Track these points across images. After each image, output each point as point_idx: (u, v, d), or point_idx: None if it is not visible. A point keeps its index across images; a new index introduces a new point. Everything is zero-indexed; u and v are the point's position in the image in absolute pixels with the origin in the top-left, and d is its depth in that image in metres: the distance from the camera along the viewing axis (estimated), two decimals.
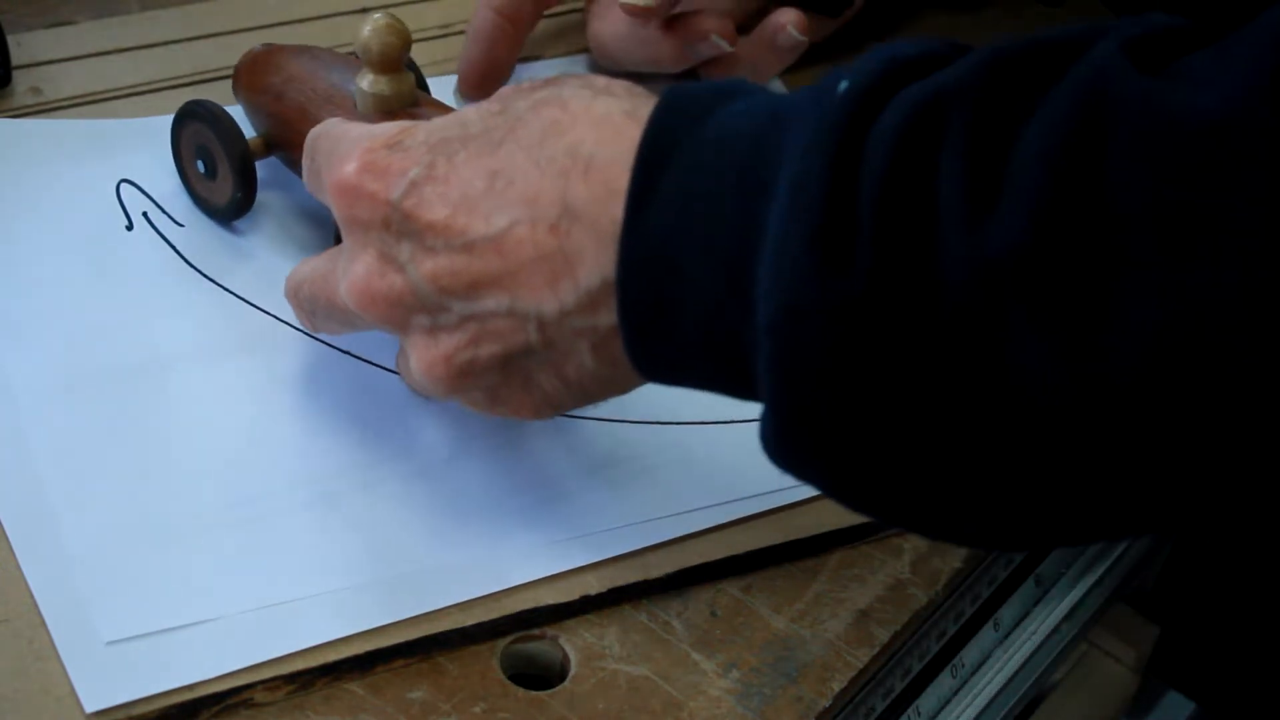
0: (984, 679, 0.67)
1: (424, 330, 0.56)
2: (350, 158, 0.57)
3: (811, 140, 0.46)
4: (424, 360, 0.57)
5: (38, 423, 0.63)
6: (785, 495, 0.65)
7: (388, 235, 0.56)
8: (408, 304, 0.56)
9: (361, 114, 0.65)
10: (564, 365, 0.55)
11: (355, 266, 0.57)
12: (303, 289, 0.62)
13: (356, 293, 0.57)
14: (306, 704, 0.58)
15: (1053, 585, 0.70)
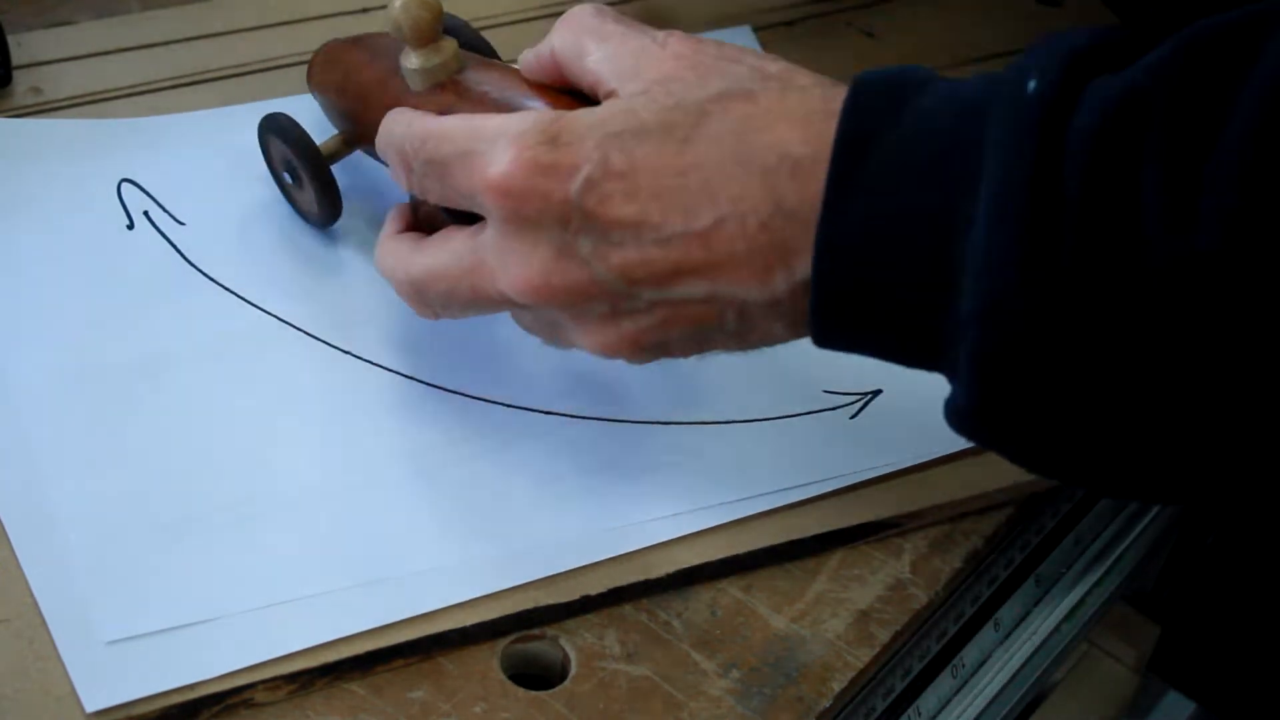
0: (984, 679, 0.67)
1: (603, 316, 0.58)
2: (502, 157, 0.57)
3: (1010, 139, 0.49)
4: (600, 339, 0.58)
5: (38, 422, 0.63)
6: (785, 495, 0.65)
7: (565, 232, 0.56)
8: (589, 295, 0.57)
9: (417, 93, 0.65)
10: (750, 335, 0.58)
11: (527, 263, 0.57)
12: (432, 286, 0.61)
13: (531, 288, 0.57)
14: (306, 704, 0.58)
15: (1053, 585, 0.70)
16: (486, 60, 0.66)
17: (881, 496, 0.66)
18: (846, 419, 0.68)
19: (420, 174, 0.60)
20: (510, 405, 0.67)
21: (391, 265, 0.63)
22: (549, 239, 0.57)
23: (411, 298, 0.63)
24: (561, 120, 0.57)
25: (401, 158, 0.61)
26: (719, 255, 0.55)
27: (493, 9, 0.83)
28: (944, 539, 0.65)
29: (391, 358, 0.67)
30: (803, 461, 0.66)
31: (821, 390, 0.69)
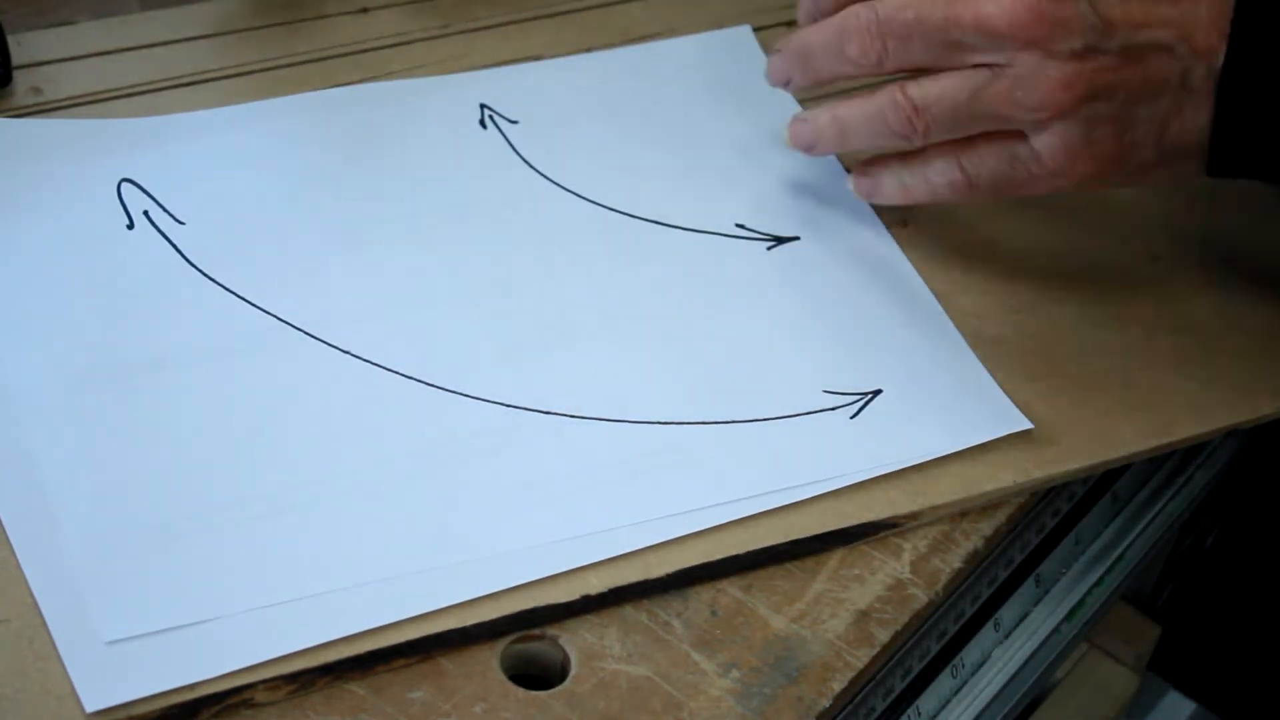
0: (984, 679, 0.67)
1: (1071, 53, 0.64)
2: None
3: None
4: (1062, 76, 0.64)
5: (38, 422, 0.63)
6: (785, 495, 0.65)
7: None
8: (1069, 28, 0.64)
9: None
10: (1171, 121, 0.65)
11: (1007, 2, 0.64)
12: (899, 16, 0.68)
13: (1022, 7, 0.64)
14: (306, 704, 0.58)
15: (1053, 585, 0.70)
16: None
17: (881, 496, 0.66)
18: (846, 419, 0.68)
19: (902, 33, 0.67)
20: (510, 405, 0.67)
21: (884, 95, 0.69)
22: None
23: (864, 31, 0.68)
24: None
25: (871, 34, 0.68)
26: (1186, 15, 0.64)
27: (490, 9, 0.83)
28: (944, 539, 0.65)
29: (391, 358, 0.67)
30: (803, 461, 0.66)
31: (821, 390, 0.69)
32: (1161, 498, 0.76)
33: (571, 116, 0.79)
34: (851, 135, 0.71)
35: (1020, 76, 0.65)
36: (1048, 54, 0.64)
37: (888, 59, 0.68)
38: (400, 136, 0.77)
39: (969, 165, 0.69)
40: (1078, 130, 0.66)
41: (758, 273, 0.74)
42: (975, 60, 0.66)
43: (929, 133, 0.68)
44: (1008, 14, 0.64)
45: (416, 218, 0.73)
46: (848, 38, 0.69)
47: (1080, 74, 0.64)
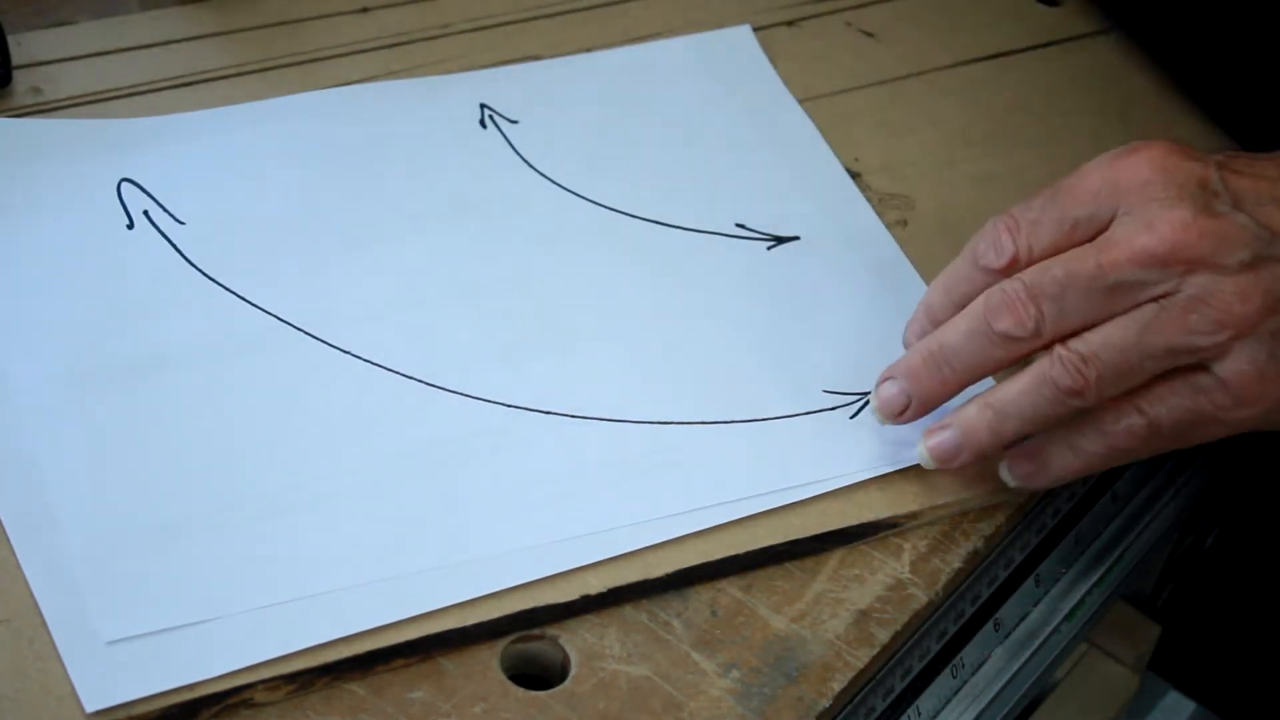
0: (984, 679, 0.67)
1: (1241, 265, 0.60)
2: (1140, 152, 0.62)
3: None
4: (1237, 290, 0.60)
5: (38, 422, 0.63)
6: (785, 495, 0.65)
7: (1202, 192, 0.61)
8: (1233, 240, 0.60)
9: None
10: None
11: (1174, 212, 0.60)
12: (1047, 275, 0.62)
13: (1184, 232, 0.60)
14: (306, 704, 0.58)
15: (1053, 585, 0.70)
16: None
17: (881, 496, 0.66)
18: (846, 419, 0.68)
19: (1034, 217, 0.63)
20: (510, 405, 0.67)
21: (992, 291, 0.63)
22: (1191, 196, 0.61)
23: (1014, 301, 0.62)
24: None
25: (1005, 227, 0.63)
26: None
27: (490, 9, 0.83)
28: (944, 539, 0.65)
29: (391, 358, 0.67)
30: (803, 461, 0.66)
31: (821, 390, 0.69)
32: (1161, 498, 0.76)
33: (571, 116, 0.79)
34: (1010, 417, 0.63)
35: (1192, 298, 0.60)
36: (1217, 270, 0.60)
37: (1045, 325, 0.61)
38: (400, 136, 0.77)
39: (1148, 407, 0.62)
40: (1264, 349, 0.60)
41: (758, 273, 0.74)
42: (1140, 299, 0.61)
43: (1102, 383, 0.61)
44: (1166, 239, 0.60)
45: (416, 218, 0.73)
46: (996, 315, 0.62)
47: (1256, 284, 0.60)
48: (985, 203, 0.78)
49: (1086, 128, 0.83)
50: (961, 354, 0.63)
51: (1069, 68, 0.86)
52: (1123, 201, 0.61)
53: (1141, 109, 0.85)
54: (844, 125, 0.80)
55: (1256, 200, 0.62)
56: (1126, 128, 0.84)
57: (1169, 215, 0.60)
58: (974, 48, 0.87)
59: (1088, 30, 0.88)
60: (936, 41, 0.86)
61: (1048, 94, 0.85)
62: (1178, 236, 0.60)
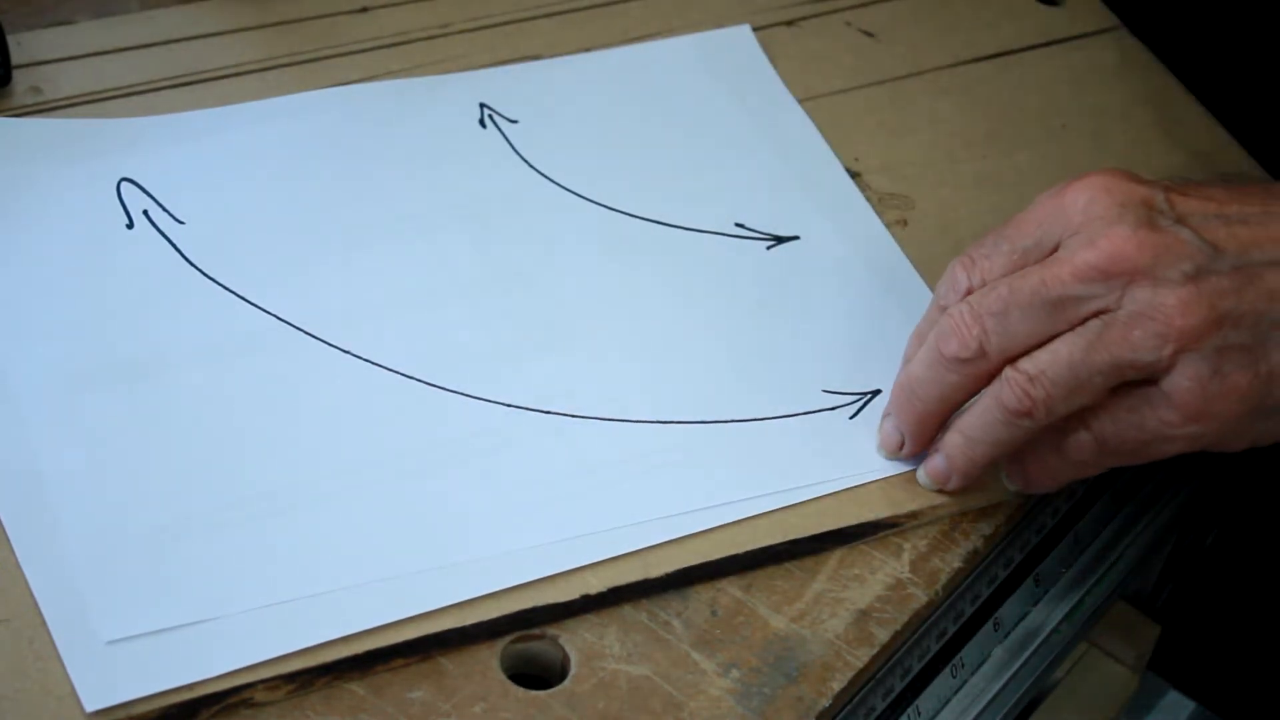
0: (984, 679, 0.67)
1: (1184, 277, 0.60)
2: (1085, 180, 0.63)
3: None
4: (1178, 303, 0.60)
5: (38, 422, 0.63)
6: (785, 495, 0.65)
7: (1146, 209, 0.61)
8: (1175, 252, 0.60)
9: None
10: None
11: (1117, 228, 0.61)
12: (989, 294, 0.62)
13: (1127, 247, 0.60)
14: (306, 704, 0.58)
15: (1053, 585, 0.70)
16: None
17: (881, 496, 0.66)
18: (846, 419, 0.68)
19: (986, 252, 0.64)
20: (510, 405, 0.67)
21: (947, 313, 0.64)
22: (1135, 213, 0.61)
23: (958, 324, 0.63)
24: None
25: (961, 266, 0.65)
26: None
27: (490, 9, 0.83)
28: (944, 539, 0.65)
29: (391, 358, 0.67)
30: (803, 461, 0.66)
31: (821, 390, 0.69)
32: (1161, 498, 0.76)
33: (571, 116, 0.79)
34: (977, 442, 0.64)
35: (1135, 314, 0.60)
36: (1158, 283, 0.60)
37: (990, 343, 0.62)
38: (400, 136, 0.77)
39: (1096, 424, 0.62)
40: (1207, 365, 0.60)
41: (758, 273, 0.74)
42: (1083, 313, 0.61)
43: (1051, 402, 0.61)
44: (1106, 252, 0.60)
45: (416, 218, 0.73)
46: (945, 340, 0.63)
47: (1199, 298, 0.60)
48: (985, 203, 0.78)
49: (1086, 128, 0.83)
50: (925, 383, 0.64)
51: (1069, 68, 0.86)
52: (1068, 225, 0.62)
53: (1142, 109, 0.85)
54: (844, 125, 0.80)
55: (1202, 218, 0.62)
56: (1127, 128, 0.84)
57: (1110, 231, 0.61)
58: (974, 48, 0.86)
59: (1088, 30, 0.88)
60: (936, 41, 0.86)
61: (1048, 94, 0.85)
62: (1118, 249, 0.60)
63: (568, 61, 0.82)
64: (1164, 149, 0.83)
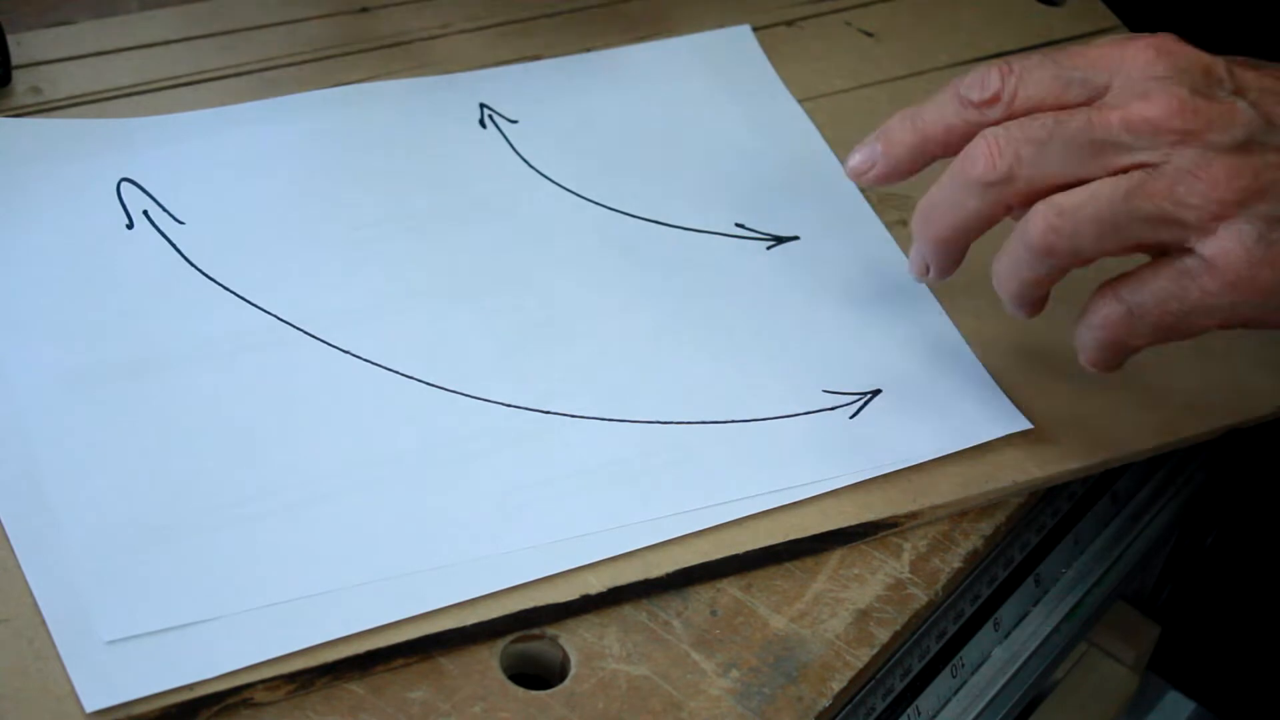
0: (984, 679, 0.67)
1: (1234, 145, 0.59)
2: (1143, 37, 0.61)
3: None
4: (1226, 168, 0.59)
5: (38, 422, 0.63)
6: (785, 495, 0.65)
7: (1204, 77, 0.60)
8: (1228, 119, 0.59)
9: None
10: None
11: (1171, 88, 0.59)
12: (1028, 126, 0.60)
13: (1178, 108, 0.59)
14: (306, 704, 0.58)
15: (1053, 585, 0.70)
16: None
17: (881, 496, 0.66)
18: (846, 419, 0.68)
19: (1028, 66, 0.62)
20: (510, 405, 0.67)
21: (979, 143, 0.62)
22: (1191, 79, 0.60)
23: (992, 144, 0.61)
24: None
25: (998, 71, 0.62)
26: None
27: (490, 9, 0.83)
28: (944, 539, 0.65)
29: (391, 358, 0.67)
30: (803, 461, 0.66)
31: (821, 390, 0.69)
32: (1161, 498, 0.76)
33: (571, 116, 0.79)
34: (1003, 278, 0.63)
35: (1181, 169, 0.59)
36: (1208, 146, 0.59)
37: (1019, 168, 0.60)
38: (400, 136, 0.77)
39: (1128, 294, 0.61)
40: (1252, 232, 0.58)
41: (757, 272, 0.74)
42: (1125, 163, 0.60)
43: (1078, 241, 0.60)
44: (1160, 107, 0.59)
45: (416, 217, 0.73)
46: (970, 161, 0.61)
47: (1246, 165, 0.59)
48: None
49: None
50: (942, 206, 0.63)
51: None
52: (1123, 73, 0.61)
53: None
54: (844, 125, 0.80)
55: (1260, 91, 0.61)
56: None
57: (1167, 88, 0.60)
58: (974, 48, 0.86)
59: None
60: (936, 41, 0.86)
61: None
62: (1174, 107, 0.59)
63: (568, 61, 0.82)
64: None
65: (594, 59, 0.82)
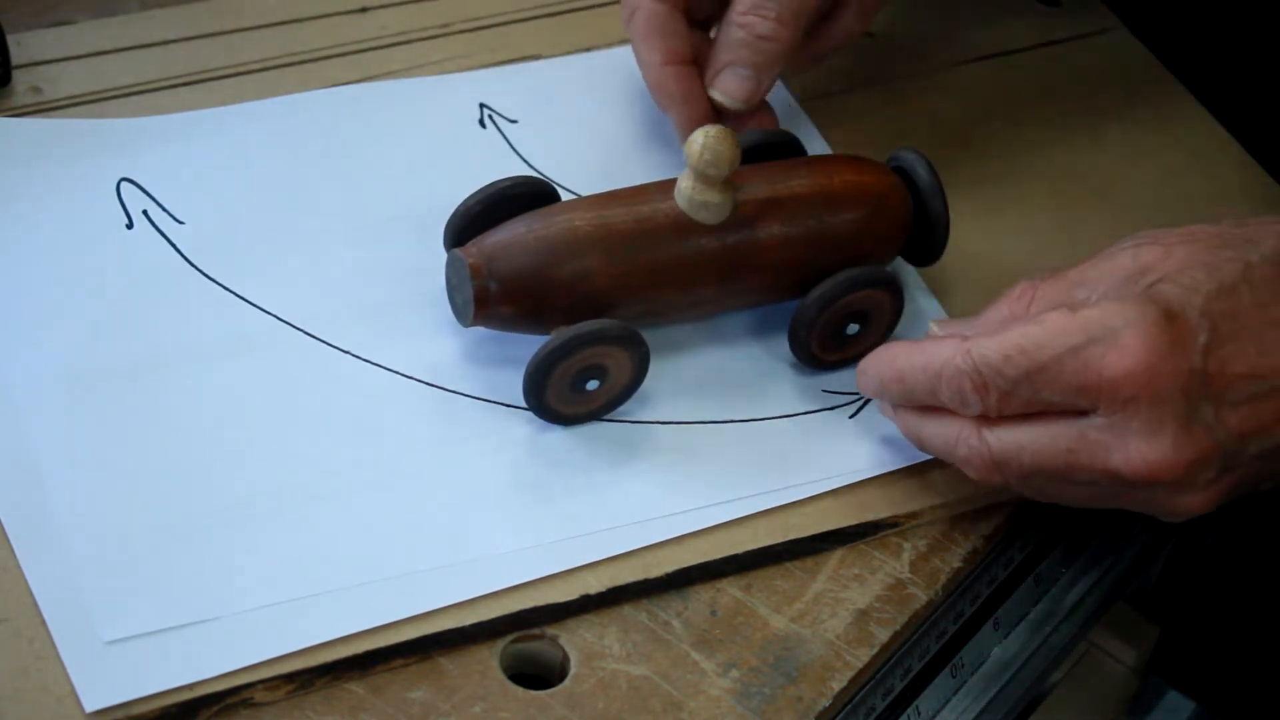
0: (984, 679, 0.67)
1: (1207, 481, 0.60)
2: (1128, 343, 0.58)
3: None
4: (1198, 503, 0.60)
5: (38, 422, 0.63)
6: (785, 495, 0.65)
7: (1186, 402, 0.58)
8: (1208, 462, 0.59)
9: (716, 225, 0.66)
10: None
11: (1153, 440, 0.58)
12: (1016, 460, 0.61)
13: (1161, 466, 0.59)
14: (306, 704, 0.58)
15: (1053, 585, 0.70)
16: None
17: (881, 496, 0.66)
18: (846, 419, 0.68)
19: (1006, 389, 0.60)
20: (510, 405, 0.67)
21: (960, 440, 0.62)
22: (1174, 413, 0.58)
23: (987, 469, 0.62)
24: (1161, 294, 0.59)
25: (974, 385, 0.61)
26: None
27: (490, 9, 0.83)
28: (944, 539, 0.65)
29: (391, 358, 0.67)
30: (803, 461, 0.66)
31: (821, 390, 0.69)
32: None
33: (571, 116, 0.79)
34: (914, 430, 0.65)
35: (1149, 500, 0.61)
36: (1182, 489, 0.60)
37: (1007, 475, 0.62)
38: (400, 136, 0.77)
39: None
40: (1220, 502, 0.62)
41: None
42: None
43: (1005, 479, 0.63)
44: (1143, 470, 0.59)
45: (416, 217, 0.73)
46: (949, 395, 0.62)
47: (1215, 497, 0.61)
48: (985, 203, 0.78)
49: (1086, 128, 0.83)
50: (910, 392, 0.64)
51: (1069, 68, 0.86)
52: (1103, 407, 0.59)
53: (1142, 109, 0.85)
54: (844, 125, 0.80)
55: (1238, 397, 0.59)
56: (1126, 127, 0.84)
57: (1150, 443, 0.59)
58: (974, 48, 0.86)
59: (1088, 30, 0.88)
60: (936, 41, 0.86)
61: (1048, 94, 0.85)
62: (1155, 468, 0.59)
63: (568, 61, 0.82)
64: (1164, 149, 0.83)
65: (594, 59, 0.82)
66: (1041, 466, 0.61)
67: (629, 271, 0.65)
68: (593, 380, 0.65)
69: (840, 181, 0.68)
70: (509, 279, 0.65)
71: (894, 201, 0.69)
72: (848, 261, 0.68)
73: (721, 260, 0.66)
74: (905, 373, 0.63)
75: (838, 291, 0.67)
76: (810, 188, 0.68)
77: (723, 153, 0.64)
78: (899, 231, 0.69)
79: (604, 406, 0.66)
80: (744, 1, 0.72)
